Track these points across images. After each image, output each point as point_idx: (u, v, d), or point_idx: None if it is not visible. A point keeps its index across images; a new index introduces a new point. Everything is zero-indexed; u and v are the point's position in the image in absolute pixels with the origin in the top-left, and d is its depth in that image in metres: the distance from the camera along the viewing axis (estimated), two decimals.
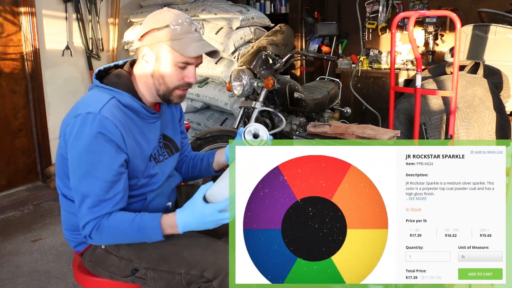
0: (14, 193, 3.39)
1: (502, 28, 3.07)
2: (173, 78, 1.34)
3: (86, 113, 1.25)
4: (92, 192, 1.24)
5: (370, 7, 4.56)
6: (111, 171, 1.25)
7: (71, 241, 1.46)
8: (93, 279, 1.45)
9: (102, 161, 1.24)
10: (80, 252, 1.46)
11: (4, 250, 2.57)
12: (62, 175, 1.38)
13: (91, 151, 1.23)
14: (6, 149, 3.34)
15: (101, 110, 1.25)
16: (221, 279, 1.25)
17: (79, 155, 1.24)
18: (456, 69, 1.99)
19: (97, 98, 1.31)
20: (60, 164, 1.38)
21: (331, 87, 3.50)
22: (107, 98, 1.30)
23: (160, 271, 1.32)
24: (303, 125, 3.08)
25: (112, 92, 1.32)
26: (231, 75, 2.78)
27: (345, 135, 1.41)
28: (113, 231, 1.26)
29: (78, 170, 1.25)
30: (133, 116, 1.35)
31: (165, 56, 1.32)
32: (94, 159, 1.23)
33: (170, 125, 1.54)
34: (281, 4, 4.96)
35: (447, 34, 4.26)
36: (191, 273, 1.28)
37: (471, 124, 2.17)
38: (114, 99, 1.31)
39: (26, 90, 3.44)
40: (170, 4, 4.01)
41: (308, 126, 1.51)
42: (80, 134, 1.24)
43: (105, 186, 1.24)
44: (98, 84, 1.35)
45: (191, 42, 1.32)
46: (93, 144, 1.23)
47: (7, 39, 3.27)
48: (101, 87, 1.34)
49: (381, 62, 4.43)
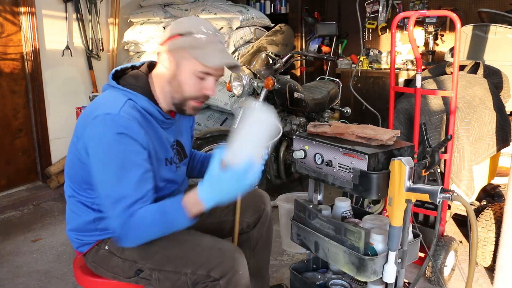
0: (14, 193, 3.39)
1: (502, 28, 3.07)
2: (191, 88, 1.31)
3: (105, 114, 1.22)
4: (125, 193, 1.20)
5: (370, 7, 4.56)
6: (141, 168, 1.23)
7: (75, 241, 1.44)
8: (94, 280, 1.44)
9: (131, 160, 1.21)
10: (84, 253, 1.45)
11: (4, 250, 2.57)
12: (78, 179, 1.35)
13: (118, 152, 1.20)
14: (6, 149, 3.34)
15: (121, 111, 1.23)
16: (228, 278, 1.25)
17: (106, 157, 1.21)
18: (456, 69, 1.99)
19: (114, 99, 1.28)
20: (74, 168, 1.35)
21: (331, 87, 3.50)
22: (124, 100, 1.27)
23: (165, 271, 1.32)
24: (303, 125, 3.08)
25: (129, 94, 1.30)
26: (231, 75, 2.78)
27: (345, 135, 1.41)
28: (140, 228, 1.21)
29: (107, 173, 1.21)
30: (150, 119, 1.32)
31: (185, 64, 1.29)
32: (123, 160, 1.20)
33: (183, 132, 1.53)
34: (281, 4, 4.96)
35: (447, 34, 4.26)
36: (198, 273, 1.28)
37: (471, 124, 2.17)
38: (130, 100, 1.28)
39: (26, 90, 3.44)
40: (170, 4, 4.01)
41: (308, 126, 1.51)
42: (103, 135, 1.20)
43: (137, 186, 1.21)
44: (114, 85, 1.32)
45: (214, 53, 1.28)
46: (119, 144, 1.20)
47: (7, 39, 3.27)
48: (117, 88, 1.32)
49: (381, 62, 4.43)
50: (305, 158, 1.47)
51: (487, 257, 2.19)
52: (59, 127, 3.62)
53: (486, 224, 2.18)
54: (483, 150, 2.25)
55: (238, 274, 1.27)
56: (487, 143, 2.28)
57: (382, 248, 1.35)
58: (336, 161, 1.36)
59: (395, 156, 1.30)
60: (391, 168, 1.26)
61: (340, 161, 1.34)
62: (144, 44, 4.01)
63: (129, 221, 1.20)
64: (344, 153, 1.33)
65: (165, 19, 3.91)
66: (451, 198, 1.18)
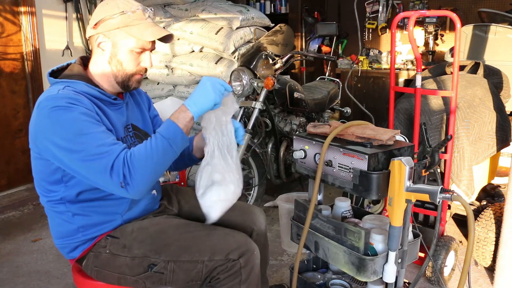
0: (14, 193, 3.39)
1: (502, 28, 3.07)
2: (131, 64, 1.36)
3: (45, 99, 1.23)
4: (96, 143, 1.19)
5: (370, 7, 4.57)
6: (100, 126, 1.23)
7: (64, 248, 1.42)
8: (94, 283, 1.42)
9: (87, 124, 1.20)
10: (76, 259, 1.43)
11: (4, 250, 2.57)
12: (41, 182, 1.35)
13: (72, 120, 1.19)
14: (6, 149, 3.34)
15: (59, 92, 1.25)
16: (247, 257, 1.31)
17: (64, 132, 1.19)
18: (456, 69, 1.99)
19: (50, 89, 1.31)
20: (37, 166, 1.35)
21: (331, 87, 3.50)
22: (61, 87, 1.29)
23: (181, 261, 1.33)
24: (303, 125, 3.08)
25: (65, 82, 1.31)
26: (231, 75, 2.78)
27: (345, 135, 1.41)
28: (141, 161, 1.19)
29: (72, 144, 1.19)
30: (94, 100, 1.32)
31: (122, 42, 1.34)
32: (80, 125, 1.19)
33: (138, 115, 1.53)
34: (281, 4, 4.96)
35: (447, 34, 4.26)
36: (215, 258, 1.31)
37: (471, 124, 2.17)
38: (68, 87, 1.29)
39: (26, 90, 3.44)
40: (170, 4, 4.01)
41: (308, 126, 1.51)
42: (51, 113, 1.20)
43: (103, 135, 1.21)
44: (52, 80, 1.35)
45: (147, 27, 1.34)
46: (69, 113, 1.19)
47: (7, 39, 3.27)
48: (54, 83, 1.33)
49: (381, 62, 4.44)
50: (305, 158, 1.47)
51: (487, 257, 2.19)
52: None
53: (486, 224, 2.18)
54: (483, 150, 2.25)
55: (254, 255, 1.35)
56: (487, 143, 2.28)
57: (382, 248, 1.35)
58: (336, 161, 1.36)
59: (395, 156, 1.30)
60: (391, 168, 1.26)
61: (340, 161, 1.34)
62: None
63: (127, 162, 1.18)
64: (344, 153, 1.33)
65: (165, 19, 3.91)
66: (451, 198, 1.18)
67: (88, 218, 1.37)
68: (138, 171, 1.18)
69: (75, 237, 1.39)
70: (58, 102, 1.21)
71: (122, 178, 1.17)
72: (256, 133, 2.88)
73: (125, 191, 1.19)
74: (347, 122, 1.45)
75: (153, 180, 1.23)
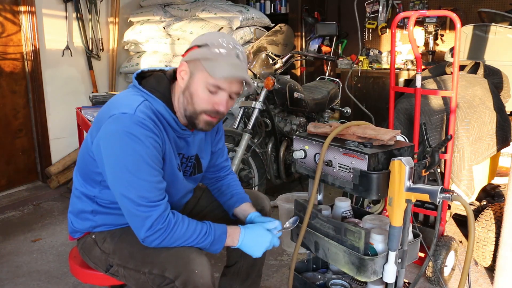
0: (14, 193, 3.39)
1: (502, 28, 3.07)
2: (201, 101, 1.28)
3: (121, 113, 1.22)
4: (142, 194, 1.21)
5: (370, 7, 4.56)
6: (156, 169, 1.24)
7: (70, 225, 1.46)
8: (86, 271, 1.47)
9: (145, 159, 1.21)
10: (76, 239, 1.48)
11: (4, 250, 2.57)
12: (86, 173, 1.37)
13: (132, 151, 1.20)
14: (6, 149, 3.34)
15: (136, 110, 1.23)
16: (183, 278, 1.22)
17: (120, 155, 1.20)
18: (456, 69, 1.99)
19: (130, 98, 1.28)
20: (84, 161, 1.37)
21: (331, 87, 3.50)
22: (141, 100, 1.27)
23: (128, 268, 1.32)
24: (303, 125, 3.08)
25: (146, 95, 1.29)
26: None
27: (346, 135, 1.41)
28: (179, 239, 1.26)
29: (122, 171, 1.21)
30: (165, 124, 1.31)
31: (198, 75, 1.27)
32: (137, 158, 1.20)
33: (202, 145, 1.51)
34: (281, 4, 4.96)
35: (447, 34, 4.26)
36: (153, 272, 1.26)
37: (471, 124, 2.17)
38: (147, 101, 1.27)
39: (26, 90, 3.44)
40: (170, 4, 4.01)
41: (308, 127, 1.51)
42: (116, 133, 1.20)
43: (150, 186, 1.22)
44: (136, 84, 1.32)
45: (225, 66, 1.25)
46: (133, 143, 1.19)
47: (7, 39, 3.27)
48: (138, 89, 1.31)
49: (381, 62, 4.43)
50: (305, 158, 1.47)
51: (487, 257, 2.19)
52: (59, 127, 3.62)
53: (486, 224, 2.18)
54: (483, 150, 2.25)
55: (195, 274, 1.23)
56: (487, 143, 2.28)
57: (382, 248, 1.35)
58: (336, 161, 1.36)
59: (395, 156, 1.30)
60: (391, 168, 1.26)
61: (340, 161, 1.34)
62: (144, 44, 4.01)
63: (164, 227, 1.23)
64: (344, 153, 1.33)
65: (165, 19, 3.91)
66: (451, 198, 1.18)
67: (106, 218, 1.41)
68: (170, 241, 1.25)
69: (84, 222, 1.43)
70: (134, 129, 1.20)
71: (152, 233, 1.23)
72: (256, 133, 2.88)
73: (143, 237, 1.24)
74: (347, 122, 1.45)
75: None
